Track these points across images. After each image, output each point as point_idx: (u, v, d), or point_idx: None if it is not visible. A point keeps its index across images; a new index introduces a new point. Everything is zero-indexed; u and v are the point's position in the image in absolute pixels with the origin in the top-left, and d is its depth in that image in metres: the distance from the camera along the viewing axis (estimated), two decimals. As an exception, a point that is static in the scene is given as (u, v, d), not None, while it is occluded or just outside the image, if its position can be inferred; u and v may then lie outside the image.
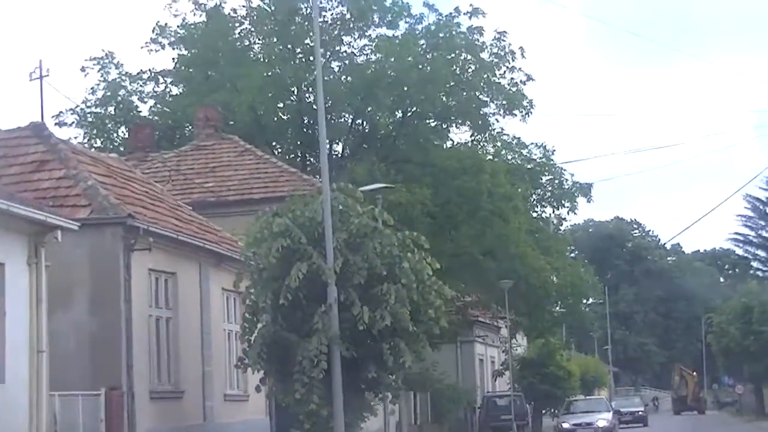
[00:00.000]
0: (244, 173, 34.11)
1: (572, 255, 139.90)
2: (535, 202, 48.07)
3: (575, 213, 47.24)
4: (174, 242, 22.48)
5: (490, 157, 44.06)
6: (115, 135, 44.11)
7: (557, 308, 45.21)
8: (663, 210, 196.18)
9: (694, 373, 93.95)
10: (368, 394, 21.76)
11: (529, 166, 46.80)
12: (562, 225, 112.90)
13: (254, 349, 20.78)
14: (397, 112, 43.45)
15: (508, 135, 46.69)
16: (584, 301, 47.20)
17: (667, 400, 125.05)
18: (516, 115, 43.67)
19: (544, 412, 52.06)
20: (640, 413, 61.69)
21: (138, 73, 44.41)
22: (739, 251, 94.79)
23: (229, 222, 28.45)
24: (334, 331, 20.38)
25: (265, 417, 26.64)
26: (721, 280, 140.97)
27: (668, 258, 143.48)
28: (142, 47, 43.73)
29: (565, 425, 44.48)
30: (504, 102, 43.36)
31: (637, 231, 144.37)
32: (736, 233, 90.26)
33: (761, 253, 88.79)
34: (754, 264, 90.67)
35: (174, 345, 22.56)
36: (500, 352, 49.67)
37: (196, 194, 32.85)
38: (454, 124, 44.20)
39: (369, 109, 42.55)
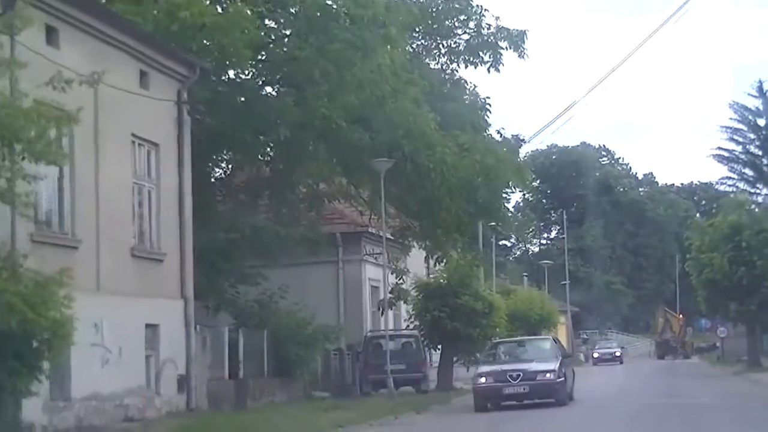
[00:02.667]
0: None
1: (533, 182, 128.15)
2: (443, 56, 32.99)
3: (498, 69, 32.02)
4: None
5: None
6: None
7: (467, 203, 29.61)
8: (633, 137, 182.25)
9: (680, 316, 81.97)
10: None
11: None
12: (521, 146, 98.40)
13: None
14: None
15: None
16: (507, 192, 31.66)
17: (636, 346, 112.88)
18: None
19: (456, 360, 37.07)
20: (548, 378, 26.66)
21: None
22: (723, 170, 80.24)
23: None
24: None
25: None
26: (698, 217, 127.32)
27: (639, 189, 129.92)
28: None
29: None
30: None
31: (605, 158, 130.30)
32: (720, 148, 75.37)
33: (749, 171, 73.76)
34: (740, 185, 75.33)
35: None
36: (400, 275, 34.31)
37: None
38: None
39: None
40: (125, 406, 21.01)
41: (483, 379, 26.81)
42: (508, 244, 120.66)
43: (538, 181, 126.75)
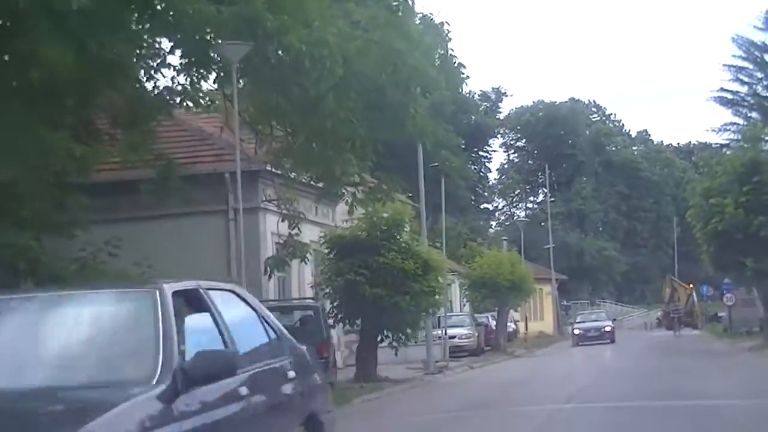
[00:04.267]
0: None
1: (517, 141, 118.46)
2: None
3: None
4: None
5: None
6: None
7: (366, 109, 19.83)
8: (626, 92, 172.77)
9: (691, 285, 75.82)
10: None
11: None
12: (502, 100, 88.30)
13: None
14: None
15: None
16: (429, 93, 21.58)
17: (632, 317, 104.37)
18: None
19: (381, 341, 27.64)
20: None
21: None
22: (726, 115, 70.96)
23: None
24: None
25: None
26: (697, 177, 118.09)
27: (633, 147, 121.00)
28: None
29: None
30: None
31: (596, 115, 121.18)
32: (722, 89, 66.04)
33: (756, 115, 64.27)
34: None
35: None
36: (293, 223, 24.59)
37: None
38: None
39: None
40: None
41: None
42: (490, 208, 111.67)
43: (523, 141, 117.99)
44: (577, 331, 55.49)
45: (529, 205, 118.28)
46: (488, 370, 33.12)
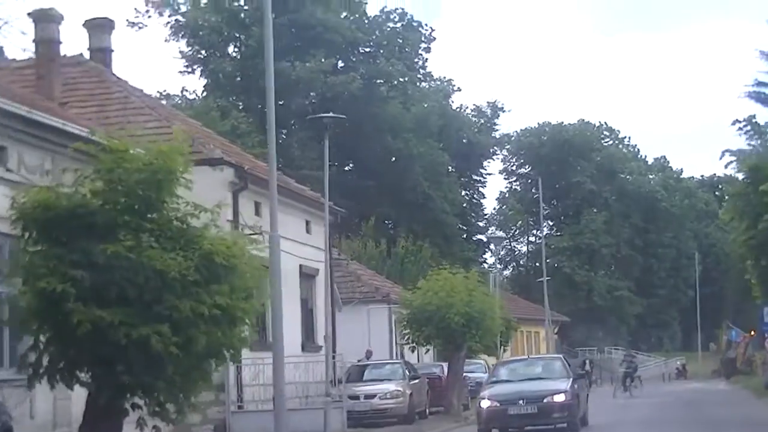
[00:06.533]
0: None
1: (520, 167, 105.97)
2: None
3: None
4: None
5: None
6: None
7: None
8: (642, 117, 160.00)
9: (752, 333, 66.98)
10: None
11: None
12: (498, 116, 75.73)
13: None
14: None
15: None
16: None
17: (647, 366, 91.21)
18: None
19: (126, 413, 14.22)
20: None
21: None
22: (762, 114, 59.31)
23: None
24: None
25: None
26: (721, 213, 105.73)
27: (650, 175, 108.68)
28: None
29: None
30: None
31: (608, 139, 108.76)
32: (759, 83, 54.17)
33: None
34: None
35: None
36: None
37: None
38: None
39: None
40: None
41: None
42: (485, 239, 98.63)
43: (527, 167, 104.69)
44: (487, 403, 25.82)
45: (532, 239, 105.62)
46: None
